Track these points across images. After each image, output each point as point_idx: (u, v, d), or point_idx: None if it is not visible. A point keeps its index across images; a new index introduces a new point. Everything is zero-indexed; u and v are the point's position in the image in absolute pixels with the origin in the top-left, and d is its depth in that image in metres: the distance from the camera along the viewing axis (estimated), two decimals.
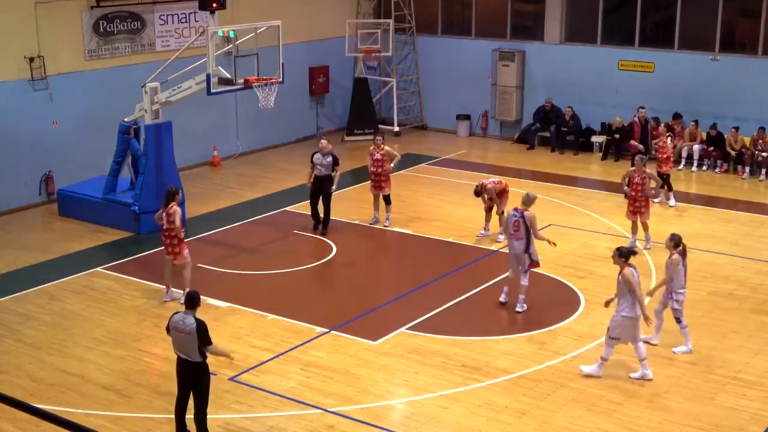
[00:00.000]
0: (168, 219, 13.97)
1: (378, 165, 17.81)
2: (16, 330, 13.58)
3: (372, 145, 18.09)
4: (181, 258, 14.20)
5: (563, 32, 24.88)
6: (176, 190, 14.32)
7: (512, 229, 13.95)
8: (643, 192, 16.37)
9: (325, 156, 17.33)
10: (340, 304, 14.58)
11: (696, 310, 14.07)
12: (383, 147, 17.89)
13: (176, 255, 14.20)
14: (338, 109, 26.63)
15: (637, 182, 16.39)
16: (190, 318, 9.99)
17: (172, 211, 13.98)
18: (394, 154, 18.11)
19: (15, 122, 18.99)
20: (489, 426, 10.87)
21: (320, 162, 17.36)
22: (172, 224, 13.95)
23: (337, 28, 25.73)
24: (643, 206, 16.46)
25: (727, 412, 11.16)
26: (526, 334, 13.30)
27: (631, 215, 16.66)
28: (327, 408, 11.26)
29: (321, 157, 17.35)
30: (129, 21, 20.92)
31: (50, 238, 17.77)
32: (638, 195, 16.43)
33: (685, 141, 22.39)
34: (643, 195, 16.39)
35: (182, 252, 14.20)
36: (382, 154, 17.81)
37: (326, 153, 17.35)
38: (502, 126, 25.95)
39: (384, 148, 17.87)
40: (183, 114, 20.24)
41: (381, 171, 17.80)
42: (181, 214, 14.24)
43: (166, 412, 10.93)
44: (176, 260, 14.23)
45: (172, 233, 14.03)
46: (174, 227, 13.98)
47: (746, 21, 23.46)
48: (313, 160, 17.42)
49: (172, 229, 13.99)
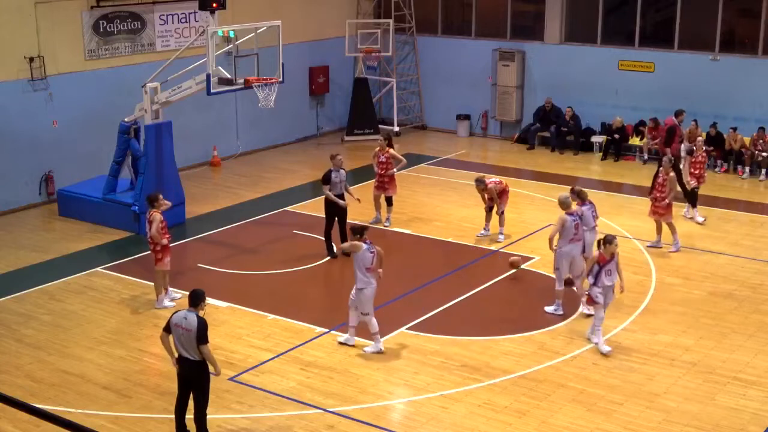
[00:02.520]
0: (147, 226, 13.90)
1: (383, 167, 17.79)
2: (16, 330, 13.58)
3: (377, 146, 18.06)
4: (160, 264, 14.08)
5: (563, 32, 24.88)
6: (155, 197, 14.03)
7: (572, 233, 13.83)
8: (663, 193, 16.34)
9: (340, 171, 16.44)
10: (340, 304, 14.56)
11: (696, 310, 14.09)
12: (388, 150, 17.85)
13: (156, 261, 14.10)
14: (338, 109, 26.63)
15: (660, 182, 16.38)
16: (193, 316, 10.00)
17: (151, 218, 13.87)
18: (399, 159, 18.03)
19: (15, 122, 18.99)
20: (489, 426, 10.87)
21: (338, 179, 16.33)
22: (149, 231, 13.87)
23: (337, 28, 25.74)
24: (662, 207, 16.44)
25: (727, 412, 11.16)
26: (526, 334, 13.30)
27: (651, 215, 16.67)
28: (327, 408, 11.26)
29: (337, 173, 16.36)
30: (129, 21, 20.92)
31: (50, 238, 17.77)
32: (658, 195, 16.43)
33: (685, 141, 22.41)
34: (663, 196, 16.36)
35: (163, 259, 14.05)
36: (387, 156, 17.79)
37: (341, 168, 16.56)
38: (502, 126, 25.95)
39: (389, 152, 17.83)
40: (183, 114, 20.24)
41: (385, 173, 17.79)
42: (160, 220, 13.86)
43: (166, 412, 10.94)
44: (156, 266, 14.15)
45: (154, 239, 13.94)
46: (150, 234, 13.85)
47: (746, 21, 23.46)
48: (332, 179, 16.22)
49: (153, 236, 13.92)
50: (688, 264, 16.08)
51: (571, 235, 13.71)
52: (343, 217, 16.48)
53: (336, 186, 16.28)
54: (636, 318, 13.84)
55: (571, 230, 13.70)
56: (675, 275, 15.46)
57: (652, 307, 14.23)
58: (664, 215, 16.45)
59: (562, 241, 13.74)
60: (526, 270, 15.79)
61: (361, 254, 12.47)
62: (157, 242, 13.88)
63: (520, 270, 15.60)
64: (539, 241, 17.12)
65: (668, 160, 16.66)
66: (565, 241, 13.72)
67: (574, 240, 13.77)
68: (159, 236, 13.81)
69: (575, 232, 13.74)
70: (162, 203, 14.06)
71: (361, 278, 12.52)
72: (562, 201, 14.05)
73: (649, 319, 13.79)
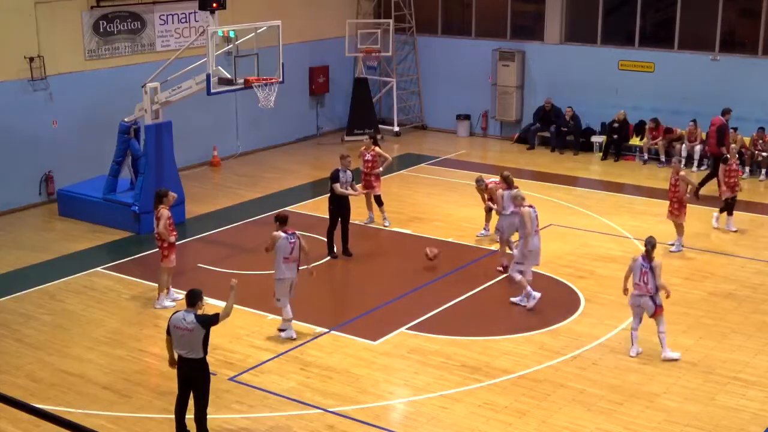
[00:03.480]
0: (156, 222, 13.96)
1: (368, 166, 17.83)
2: (16, 330, 13.58)
3: (363, 146, 18.10)
4: (166, 261, 14.13)
5: (563, 32, 24.88)
6: (164, 192, 14.07)
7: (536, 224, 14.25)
8: (676, 194, 16.37)
9: (347, 172, 16.37)
10: (340, 304, 14.58)
11: (696, 310, 14.10)
12: (373, 148, 17.91)
13: (162, 258, 14.15)
14: (338, 109, 26.62)
15: (672, 183, 16.45)
16: (191, 316, 10.00)
17: (159, 214, 13.90)
18: (385, 156, 18.10)
19: (15, 122, 18.99)
20: (489, 426, 10.87)
21: (345, 179, 16.26)
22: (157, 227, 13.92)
23: (337, 28, 25.73)
24: (676, 208, 16.46)
25: (727, 412, 11.16)
26: (526, 334, 13.30)
27: (668, 215, 16.74)
28: (327, 408, 11.26)
29: (344, 174, 16.28)
30: (129, 21, 20.92)
31: (50, 238, 17.77)
32: (672, 197, 16.48)
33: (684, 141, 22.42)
34: (676, 197, 16.38)
35: (169, 256, 14.10)
36: (372, 155, 17.84)
37: (348, 169, 16.48)
38: (502, 126, 25.95)
39: (375, 150, 17.89)
40: (183, 114, 20.23)
41: (371, 171, 17.82)
42: (168, 217, 13.90)
43: (166, 412, 10.94)
44: (162, 262, 14.19)
45: (162, 236, 13.98)
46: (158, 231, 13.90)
47: (746, 21, 23.46)
48: (341, 179, 16.19)
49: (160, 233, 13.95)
50: (688, 264, 16.09)
51: (535, 226, 14.07)
52: (346, 218, 16.48)
53: (342, 186, 16.27)
54: None
55: (535, 222, 14.06)
56: (675, 275, 15.45)
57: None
58: (678, 216, 16.48)
59: (527, 234, 14.00)
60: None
61: (279, 243, 12.68)
62: (165, 239, 13.92)
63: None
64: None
65: (677, 161, 16.78)
66: (530, 234, 14.01)
67: (538, 232, 14.18)
68: (167, 233, 13.85)
69: (536, 224, 14.16)
70: (171, 199, 14.13)
71: (278, 267, 12.72)
72: (516, 195, 14.63)
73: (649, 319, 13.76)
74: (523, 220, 14.03)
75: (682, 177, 16.39)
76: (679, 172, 16.43)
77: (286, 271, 12.77)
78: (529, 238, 14.00)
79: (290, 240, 12.74)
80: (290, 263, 12.76)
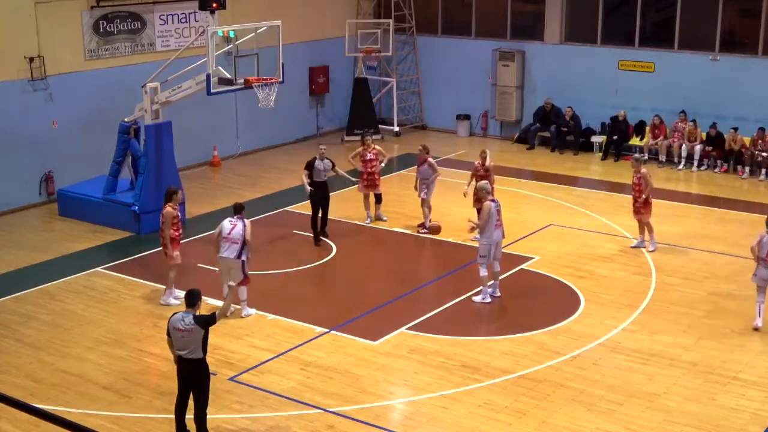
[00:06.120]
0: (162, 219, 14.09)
1: (371, 165, 17.84)
2: (16, 330, 13.58)
3: (362, 146, 18.10)
4: (170, 259, 14.21)
5: (563, 32, 24.87)
6: (174, 190, 14.25)
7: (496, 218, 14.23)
8: (639, 192, 16.37)
9: (324, 161, 17.06)
10: (340, 304, 14.57)
11: (696, 310, 14.09)
12: (374, 147, 17.95)
13: (166, 255, 14.21)
14: (338, 109, 26.62)
15: (634, 182, 16.44)
16: (189, 317, 10.01)
17: (165, 212, 14.01)
18: (384, 153, 18.26)
19: (15, 122, 18.99)
20: (489, 426, 10.87)
21: (322, 167, 17.01)
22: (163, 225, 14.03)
23: (337, 28, 25.73)
24: (641, 207, 16.45)
25: (727, 412, 11.16)
26: (526, 334, 13.30)
27: (634, 215, 16.70)
28: (327, 408, 11.26)
29: (321, 162, 17.02)
30: (129, 21, 20.92)
31: (50, 238, 17.77)
32: (635, 195, 16.46)
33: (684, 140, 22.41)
34: (639, 196, 16.38)
35: (171, 254, 14.18)
36: (374, 153, 17.87)
37: (325, 157, 17.14)
38: (502, 126, 25.95)
39: (375, 148, 17.95)
40: (183, 114, 20.23)
41: (374, 170, 17.84)
42: (174, 215, 14.04)
43: (166, 412, 10.94)
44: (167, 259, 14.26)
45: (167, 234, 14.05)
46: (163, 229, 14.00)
47: (746, 21, 23.46)
48: (315, 167, 16.96)
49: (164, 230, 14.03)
50: (688, 264, 16.08)
51: (495, 220, 14.09)
52: (325, 207, 17.09)
53: (319, 173, 16.94)
54: (636, 318, 13.84)
55: (495, 216, 14.09)
56: (675, 275, 15.46)
57: (652, 307, 14.23)
58: (643, 214, 16.47)
59: (488, 228, 14.04)
60: (526, 270, 15.80)
61: (223, 223, 13.68)
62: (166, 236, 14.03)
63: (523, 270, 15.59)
64: (539, 242, 17.14)
65: (635, 160, 16.68)
66: (491, 228, 14.04)
67: (498, 226, 14.18)
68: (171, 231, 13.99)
69: (498, 218, 14.18)
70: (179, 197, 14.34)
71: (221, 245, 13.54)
72: (482, 188, 14.66)
73: (649, 319, 13.79)
74: (484, 213, 14.12)
75: (643, 175, 16.36)
76: (641, 170, 16.40)
77: (222, 250, 13.60)
78: (490, 231, 14.08)
79: (231, 222, 13.62)
80: (226, 242, 13.55)
